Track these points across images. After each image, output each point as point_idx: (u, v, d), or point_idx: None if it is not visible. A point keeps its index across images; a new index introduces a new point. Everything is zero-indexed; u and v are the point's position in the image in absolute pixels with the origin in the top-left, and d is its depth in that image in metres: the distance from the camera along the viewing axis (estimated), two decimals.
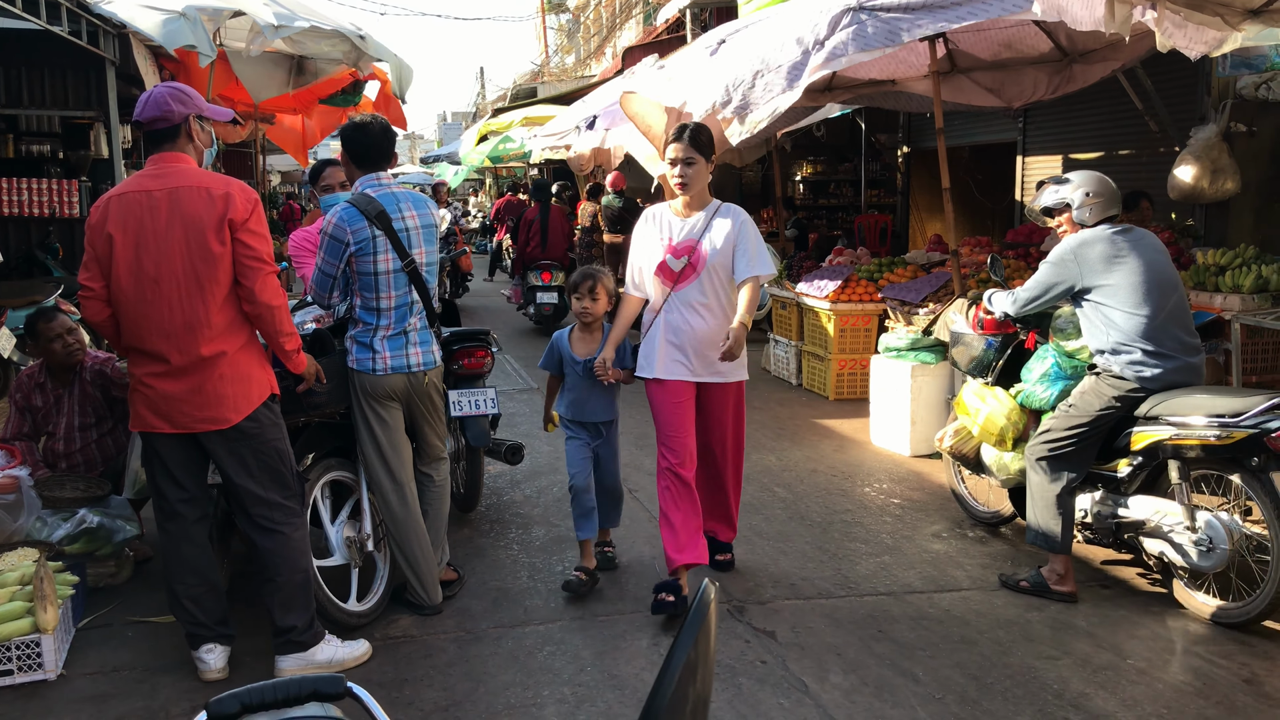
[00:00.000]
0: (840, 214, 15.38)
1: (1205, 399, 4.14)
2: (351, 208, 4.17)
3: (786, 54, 6.07)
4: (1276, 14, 4.33)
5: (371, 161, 4.34)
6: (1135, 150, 9.11)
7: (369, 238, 4.15)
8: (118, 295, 3.62)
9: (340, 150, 4.50)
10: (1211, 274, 6.30)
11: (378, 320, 4.23)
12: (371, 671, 3.89)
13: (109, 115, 7.81)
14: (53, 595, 3.90)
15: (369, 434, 4.29)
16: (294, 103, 11.11)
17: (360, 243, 4.14)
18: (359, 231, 4.14)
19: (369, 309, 4.24)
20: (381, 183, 4.32)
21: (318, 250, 4.24)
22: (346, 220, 4.15)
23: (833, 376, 8.52)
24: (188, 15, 6.79)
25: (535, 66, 37.62)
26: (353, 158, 4.37)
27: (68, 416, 4.93)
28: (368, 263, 4.17)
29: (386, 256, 4.19)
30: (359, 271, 4.19)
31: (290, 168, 28.23)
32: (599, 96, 12.74)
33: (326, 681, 1.75)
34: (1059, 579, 4.49)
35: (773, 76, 6.13)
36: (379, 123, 4.37)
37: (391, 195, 4.28)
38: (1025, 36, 7.76)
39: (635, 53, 16.80)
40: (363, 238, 4.14)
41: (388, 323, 4.24)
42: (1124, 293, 4.33)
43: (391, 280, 4.21)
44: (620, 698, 3.69)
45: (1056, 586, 4.48)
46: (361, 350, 4.25)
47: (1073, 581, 4.50)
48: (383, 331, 4.24)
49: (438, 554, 4.54)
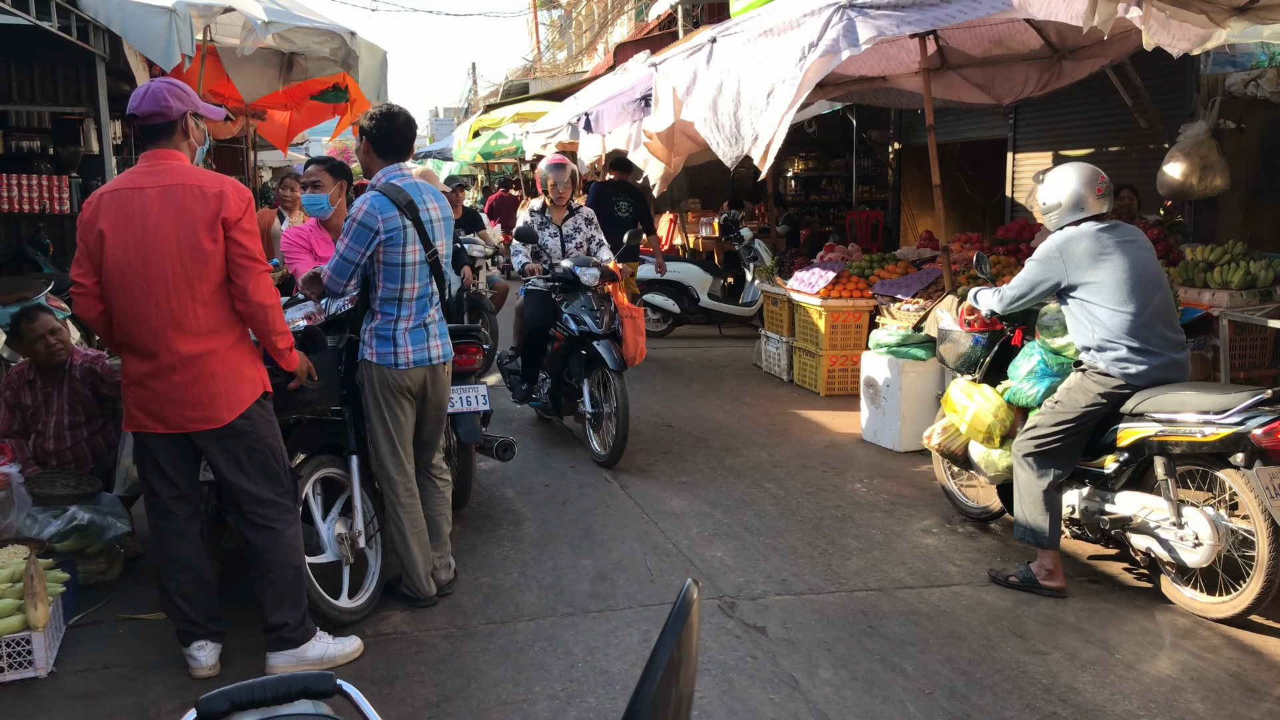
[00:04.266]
0: (831, 210, 15.38)
1: (1191, 395, 4.16)
2: (383, 196, 4.15)
3: (785, 65, 6.06)
4: (1262, 11, 4.34)
5: (396, 151, 4.33)
6: (1125, 146, 9.14)
7: (399, 227, 4.14)
8: (109, 292, 3.61)
9: (364, 140, 4.33)
10: (1200, 270, 6.33)
11: (399, 311, 4.23)
12: (363, 668, 3.90)
13: (99, 111, 7.77)
14: (43, 592, 3.90)
15: (381, 426, 4.29)
16: (285, 98, 11.06)
17: (391, 232, 4.13)
18: (390, 220, 4.13)
19: (391, 300, 4.22)
20: (405, 173, 4.32)
21: (341, 236, 4.18)
22: (379, 209, 4.12)
23: (824, 372, 8.54)
24: (178, 12, 6.77)
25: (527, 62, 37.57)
26: (377, 147, 4.31)
27: (57, 414, 4.92)
28: (396, 253, 4.16)
29: (415, 248, 4.19)
30: (385, 261, 4.17)
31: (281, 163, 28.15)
32: (591, 93, 12.72)
33: (316, 679, 1.76)
34: (1048, 574, 4.52)
35: (778, 91, 6.12)
36: (404, 113, 4.35)
37: (416, 186, 4.28)
38: (1015, 33, 7.78)
39: (627, 48, 16.79)
40: (393, 227, 4.13)
41: (409, 313, 4.24)
42: (1109, 290, 4.35)
43: (417, 271, 4.22)
44: (611, 694, 3.70)
45: (1045, 582, 4.51)
46: (382, 344, 4.23)
47: (1062, 577, 4.52)
48: (404, 323, 4.23)
49: (442, 556, 4.58)
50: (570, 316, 6.58)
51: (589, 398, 6.67)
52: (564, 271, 6.71)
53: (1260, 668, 3.86)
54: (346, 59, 8.27)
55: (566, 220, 7.21)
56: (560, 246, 7.14)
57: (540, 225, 7.16)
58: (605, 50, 25.22)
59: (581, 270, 6.60)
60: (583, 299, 6.59)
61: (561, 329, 6.75)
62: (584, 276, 6.58)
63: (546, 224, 7.18)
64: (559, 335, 6.84)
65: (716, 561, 4.94)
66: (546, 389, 7.08)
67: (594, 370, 6.65)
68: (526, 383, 7.23)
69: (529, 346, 7.10)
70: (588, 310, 6.52)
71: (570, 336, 6.60)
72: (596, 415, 6.63)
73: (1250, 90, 7.05)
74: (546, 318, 6.91)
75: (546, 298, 6.91)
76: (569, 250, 7.15)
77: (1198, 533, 4.16)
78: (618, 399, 6.27)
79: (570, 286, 6.70)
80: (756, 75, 6.37)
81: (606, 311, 6.58)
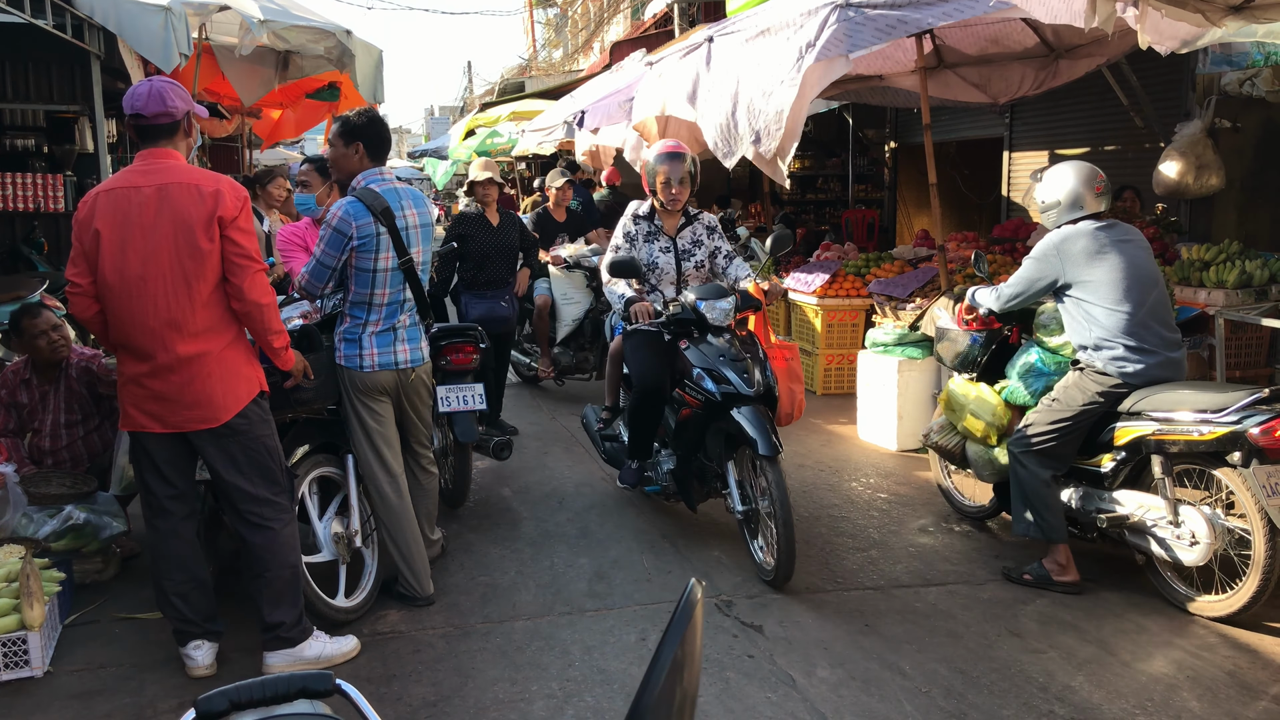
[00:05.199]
0: (828, 209, 15.38)
1: (1188, 394, 4.17)
2: (358, 202, 4.15)
3: (783, 67, 6.06)
4: (1259, 10, 4.34)
5: (383, 154, 4.34)
6: (1121, 145, 9.16)
7: (373, 234, 4.14)
8: (105, 291, 3.60)
9: (338, 144, 4.31)
10: (1196, 269, 6.34)
11: (367, 315, 4.23)
12: (360, 667, 3.90)
13: (94, 109, 7.74)
14: (39, 592, 3.89)
15: (361, 428, 4.29)
16: (280, 97, 11.05)
17: (364, 239, 4.13)
18: (364, 227, 4.13)
19: (360, 304, 4.23)
20: (384, 177, 4.31)
21: (318, 242, 4.20)
22: (353, 215, 4.13)
23: (820, 371, 8.54)
24: (173, 10, 6.75)
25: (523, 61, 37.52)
26: (369, 150, 4.31)
27: (53, 413, 4.91)
28: (368, 259, 4.16)
29: (387, 255, 4.18)
30: (357, 267, 4.18)
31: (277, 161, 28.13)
32: (587, 91, 12.72)
33: (315, 679, 1.76)
34: (1060, 569, 4.52)
35: (777, 93, 6.12)
36: (380, 117, 4.37)
37: (394, 191, 4.27)
38: (1011, 32, 7.78)
39: (623, 47, 16.79)
40: (366, 234, 4.13)
41: (377, 318, 4.24)
42: (1105, 288, 4.36)
43: (388, 277, 4.21)
44: (608, 693, 3.70)
45: (1059, 578, 4.52)
46: (350, 346, 4.25)
47: (1074, 570, 4.53)
48: (371, 327, 4.24)
49: (433, 545, 4.60)
50: (704, 373, 4.70)
51: (736, 491, 4.77)
52: (682, 311, 4.93)
53: (1256, 666, 3.87)
54: (342, 57, 8.26)
55: (683, 230, 5.36)
56: (675, 267, 5.30)
57: (647, 237, 5.31)
58: (601, 49, 25.21)
59: (708, 306, 4.82)
60: (715, 343, 4.79)
61: (691, 390, 4.82)
62: (712, 314, 4.81)
63: (655, 235, 5.31)
64: (687, 397, 4.85)
65: (713, 560, 4.94)
66: (669, 468, 5.18)
67: (739, 450, 4.80)
68: (637, 458, 5.31)
69: (640, 411, 5.11)
70: (728, 361, 4.68)
71: (708, 401, 4.70)
72: (750, 513, 4.74)
73: (1246, 89, 7.06)
74: (663, 369, 5.03)
75: (658, 340, 5.10)
76: (686, 272, 5.32)
77: (1194, 531, 4.17)
78: (775, 492, 4.41)
79: (694, 326, 4.94)
80: (755, 76, 6.37)
81: (754, 359, 4.76)
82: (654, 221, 5.34)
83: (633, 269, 5.01)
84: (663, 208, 5.28)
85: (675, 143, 5.31)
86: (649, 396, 5.02)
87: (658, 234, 5.31)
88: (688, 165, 5.15)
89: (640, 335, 5.14)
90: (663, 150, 5.23)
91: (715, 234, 5.40)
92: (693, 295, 4.90)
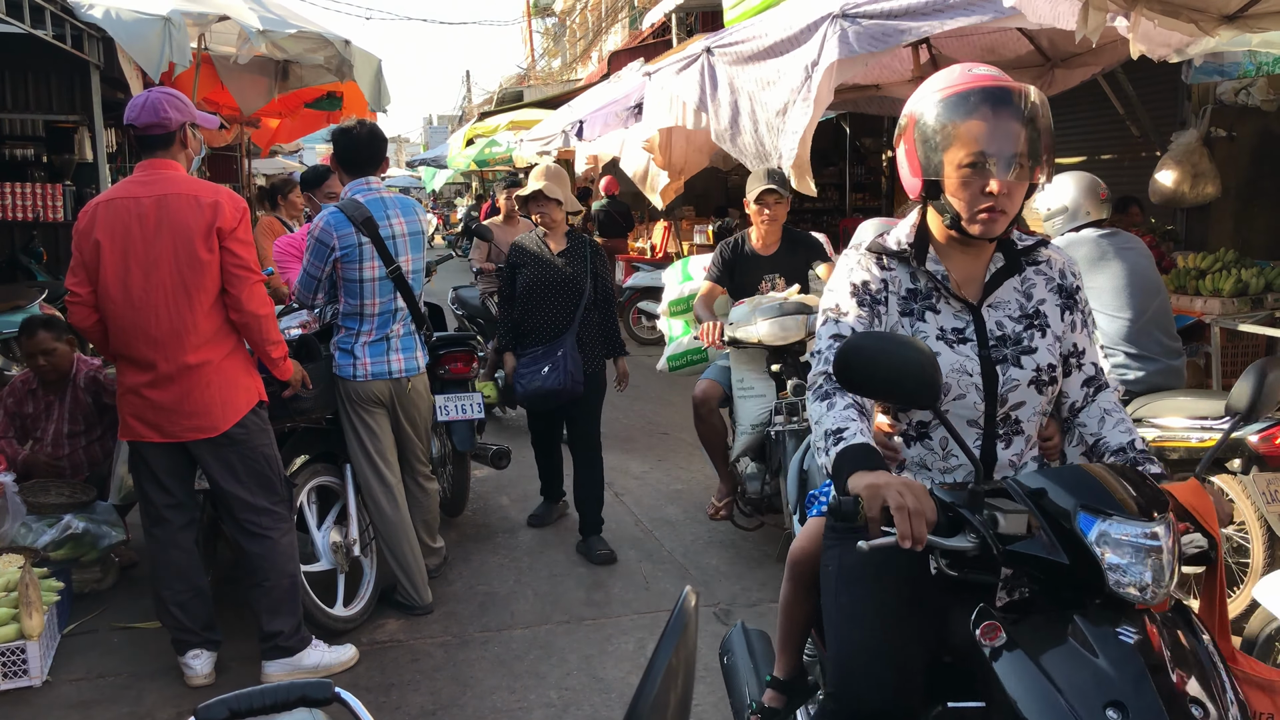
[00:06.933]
0: (825, 217, 15.42)
1: (1187, 402, 4.18)
2: (339, 213, 4.18)
3: (793, 87, 6.09)
4: (1252, 19, 4.36)
5: (358, 166, 4.34)
6: (1117, 155, 9.18)
7: (355, 245, 4.16)
8: (105, 302, 3.61)
9: (330, 156, 4.53)
10: (1192, 278, 6.35)
11: (360, 325, 4.25)
12: (358, 676, 3.90)
13: (93, 119, 7.75)
14: (38, 601, 3.89)
15: (356, 438, 4.31)
16: (279, 106, 11.08)
17: (346, 249, 4.16)
18: (345, 238, 4.15)
19: (352, 314, 4.26)
20: (371, 188, 4.32)
21: (305, 252, 4.26)
22: (333, 226, 4.17)
23: None
24: (172, 20, 6.77)
25: (521, 70, 37.62)
26: (340, 162, 4.39)
27: (57, 423, 4.91)
28: (353, 269, 4.18)
29: (372, 264, 4.20)
30: (344, 277, 4.21)
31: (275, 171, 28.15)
32: (585, 101, 12.75)
33: (314, 687, 1.76)
34: None
35: (792, 112, 6.14)
36: (365, 127, 4.38)
37: (380, 201, 4.29)
38: (1007, 41, 7.80)
39: (621, 57, 16.85)
40: (348, 244, 4.15)
41: (370, 328, 4.25)
42: (1107, 296, 4.37)
43: (376, 287, 4.23)
44: (606, 701, 3.70)
45: None
46: (344, 356, 4.26)
47: None
48: (364, 337, 4.25)
49: (435, 553, 4.65)
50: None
51: None
52: (1010, 521, 1.98)
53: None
54: (340, 67, 8.28)
55: (999, 288, 2.35)
56: (983, 378, 2.36)
57: (909, 302, 2.27)
58: (599, 58, 25.28)
59: (1119, 544, 1.99)
60: (1114, 648, 1.98)
61: None
62: (1127, 567, 2.07)
63: (931, 298, 2.26)
64: None
65: (711, 568, 4.94)
66: None
67: None
68: None
69: None
70: None
71: None
72: None
73: (1241, 99, 7.09)
74: (917, 658, 2.34)
75: (915, 581, 2.27)
76: (1007, 395, 2.29)
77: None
78: None
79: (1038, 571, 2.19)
80: (768, 96, 6.38)
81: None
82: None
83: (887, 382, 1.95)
84: (958, 234, 2.20)
85: (996, 71, 2.32)
86: None
87: (938, 296, 2.27)
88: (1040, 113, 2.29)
89: (878, 560, 1.99)
90: (974, 82, 2.22)
91: (1066, 296, 2.35)
92: (1066, 493, 1.96)
